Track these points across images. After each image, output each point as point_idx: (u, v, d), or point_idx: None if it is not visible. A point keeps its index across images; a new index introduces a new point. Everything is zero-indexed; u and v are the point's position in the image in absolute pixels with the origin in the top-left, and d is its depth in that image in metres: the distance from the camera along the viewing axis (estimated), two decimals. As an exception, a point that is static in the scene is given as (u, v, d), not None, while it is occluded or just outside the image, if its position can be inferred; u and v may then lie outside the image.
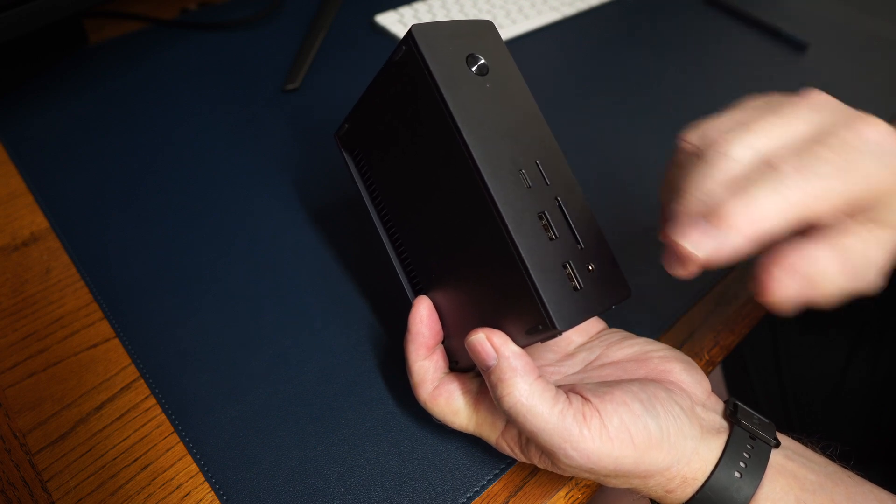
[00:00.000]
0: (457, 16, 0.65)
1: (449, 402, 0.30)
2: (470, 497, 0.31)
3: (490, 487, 0.32)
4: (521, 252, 0.25)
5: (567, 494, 0.32)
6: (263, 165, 0.49)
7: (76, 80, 0.56)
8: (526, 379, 0.25)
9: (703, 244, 0.21)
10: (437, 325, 0.31)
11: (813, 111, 0.24)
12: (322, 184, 0.47)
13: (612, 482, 0.27)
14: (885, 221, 0.24)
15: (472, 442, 0.33)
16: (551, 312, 0.24)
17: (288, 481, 0.31)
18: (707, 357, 0.39)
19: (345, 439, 0.33)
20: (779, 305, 0.23)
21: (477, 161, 0.25)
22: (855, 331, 0.56)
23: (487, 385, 0.27)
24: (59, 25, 0.55)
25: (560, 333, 0.25)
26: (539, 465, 0.28)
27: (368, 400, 0.35)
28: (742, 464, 0.26)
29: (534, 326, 0.25)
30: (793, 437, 0.29)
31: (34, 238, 0.43)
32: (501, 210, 0.25)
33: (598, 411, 0.25)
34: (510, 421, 0.26)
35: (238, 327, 0.38)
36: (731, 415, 0.28)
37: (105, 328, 0.38)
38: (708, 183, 0.23)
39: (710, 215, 0.22)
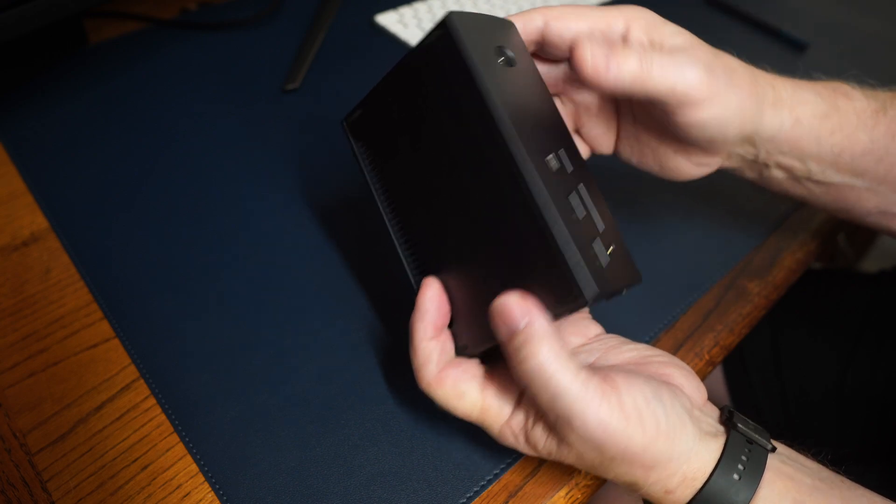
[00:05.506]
0: (457, 16, 0.65)
1: (455, 384, 0.29)
2: (470, 497, 0.31)
3: (490, 487, 0.32)
4: (555, 225, 0.25)
5: (567, 494, 0.32)
6: (263, 165, 0.49)
7: (76, 80, 0.56)
8: (554, 342, 0.25)
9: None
10: (445, 306, 0.30)
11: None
12: (322, 184, 0.47)
13: (615, 471, 0.26)
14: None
15: (472, 442, 0.33)
16: (579, 282, 0.25)
17: (288, 481, 0.31)
18: (707, 357, 0.39)
19: (345, 439, 0.33)
20: (584, 70, 0.28)
21: (510, 141, 0.26)
22: (855, 331, 0.56)
23: (508, 352, 0.26)
24: (59, 25, 0.55)
25: (586, 305, 0.25)
26: (542, 453, 0.28)
27: (368, 400, 0.35)
28: (740, 466, 0.26)
29: (561, 298, 0.25)
30: (785, 444, 0.29)
31: (34, 238, 0.43)
32: (536, 187, 0.26)
33: (616, 389, 0.25)
34: (527, 388, 0.26)
35: (238, 327, 0.38)
36: (727, 420, 0.28)
37: (105, 328, 0.38)
38: None
39: None
